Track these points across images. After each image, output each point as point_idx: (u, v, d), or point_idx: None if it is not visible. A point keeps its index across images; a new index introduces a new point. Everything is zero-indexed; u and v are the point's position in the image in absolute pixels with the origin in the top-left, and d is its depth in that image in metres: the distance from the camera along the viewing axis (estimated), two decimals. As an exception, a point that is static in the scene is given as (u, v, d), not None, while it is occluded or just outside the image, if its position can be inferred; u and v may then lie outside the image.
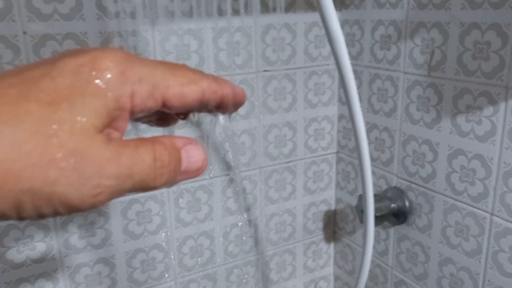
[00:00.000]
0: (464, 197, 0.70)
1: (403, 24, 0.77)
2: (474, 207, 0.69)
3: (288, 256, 1.01)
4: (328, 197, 1.02)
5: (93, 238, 0.78)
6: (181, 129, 0.81)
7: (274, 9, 0.84)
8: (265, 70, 0.86)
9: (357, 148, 0.56)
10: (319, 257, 1.05)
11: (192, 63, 0.78)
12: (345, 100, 0.96)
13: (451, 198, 0.73)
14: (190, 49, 0.78)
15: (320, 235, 1.04)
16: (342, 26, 0.91)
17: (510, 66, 0.61)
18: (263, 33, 0.84)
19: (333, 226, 1.05)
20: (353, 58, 0.89)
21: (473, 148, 0.68)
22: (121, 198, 0.79)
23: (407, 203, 0.81)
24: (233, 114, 0.34)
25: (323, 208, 1.02)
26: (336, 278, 1.08)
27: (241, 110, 0.86)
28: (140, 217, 0.81)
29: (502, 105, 0.62)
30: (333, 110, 0.97)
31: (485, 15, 0.63)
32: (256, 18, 0.83)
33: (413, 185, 0.80)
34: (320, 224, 1.03)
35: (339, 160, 1.00)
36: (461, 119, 0.69)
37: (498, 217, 0.65)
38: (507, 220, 0.64)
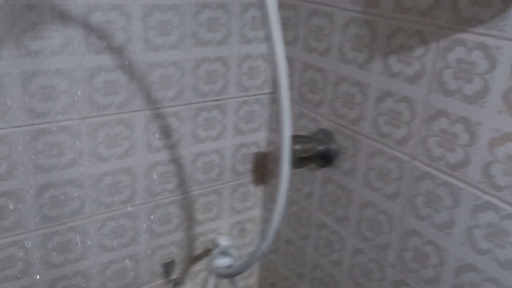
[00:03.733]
0: (388, 140, 0.69)
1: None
2: (397, 150, 0.68)
3: (215, 197, 0.98)
4: (259, 139, 0.99)
5: (-6, 169, 0.70)
6: (99, 55, 0.73)
7: None
8: (196, -4, 0.79)
9: (277, 85, 0.52)
10: (246, 199, 1.04)
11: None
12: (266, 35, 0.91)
13: (376, 141, 0.71)
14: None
15: (249, 177, 1.01)
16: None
17: (444, 2, 0.58)
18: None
19: (263, 168, 1.03)
20: (293, -9, 0.83)
21: (401, 90, 0.66)
22: (29, 127, 0.71)
23: (334, 146, 0.79)
24: (160, 43, 0.27)
25: (254, 149, 0.99)
26: (264, 220, 1.07)
27: (170, 40, 0.79)
28: (51, 149, 0.74)
29: (433, 45, 0.60)
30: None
31: None
32: None
33: (341, 128, 0.78)
34: (250, 166, 1.00)
35: (272, 101, 0.96)
36: (393, 60, 0.66)
37: (419, 160, 0.65)
38: (426, 164, 0.64)
